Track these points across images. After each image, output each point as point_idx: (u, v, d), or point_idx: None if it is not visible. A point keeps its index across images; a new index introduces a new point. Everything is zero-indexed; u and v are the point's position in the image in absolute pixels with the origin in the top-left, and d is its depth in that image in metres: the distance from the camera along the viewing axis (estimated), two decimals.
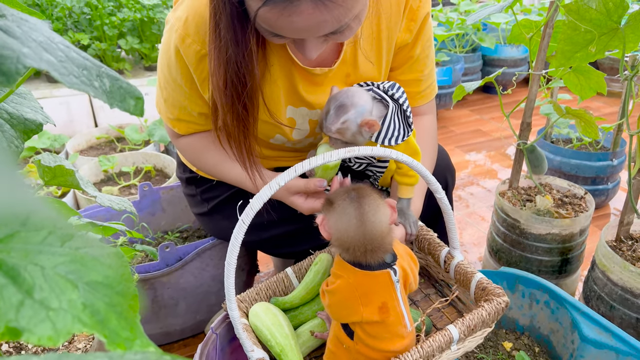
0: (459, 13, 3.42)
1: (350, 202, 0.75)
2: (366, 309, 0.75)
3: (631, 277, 1.10)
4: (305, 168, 0.73)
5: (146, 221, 1.52)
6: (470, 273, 0.90)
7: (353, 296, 0.76)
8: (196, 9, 0.87)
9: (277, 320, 0.89)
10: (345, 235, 0.75)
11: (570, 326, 1.03)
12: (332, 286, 0.78)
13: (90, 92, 0.44)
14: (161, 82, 0.99)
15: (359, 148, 0.74)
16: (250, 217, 0.73)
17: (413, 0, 0.96)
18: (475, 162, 2.55)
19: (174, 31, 0.89)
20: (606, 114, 3.08)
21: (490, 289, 0.86)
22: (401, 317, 0.77)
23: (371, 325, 0.76)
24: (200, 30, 0.87)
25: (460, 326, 0.79)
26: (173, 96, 0.98)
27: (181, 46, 0.89)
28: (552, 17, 1.26)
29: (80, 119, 2.53)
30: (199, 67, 0.90)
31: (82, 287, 0.36)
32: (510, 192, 1.48)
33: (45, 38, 0.46)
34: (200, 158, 1.08)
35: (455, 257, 0.94)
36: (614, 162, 1.87)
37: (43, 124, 0.73)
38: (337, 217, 0.76)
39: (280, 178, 0.72)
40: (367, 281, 0.76)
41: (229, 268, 0.75)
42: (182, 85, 0.95)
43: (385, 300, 0.76)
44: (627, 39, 1.10)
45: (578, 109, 1.31)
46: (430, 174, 0.82)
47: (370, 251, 0.75)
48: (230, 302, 0.78)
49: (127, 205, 0.92)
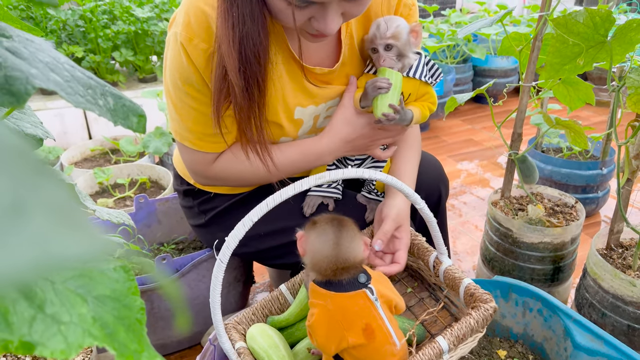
0: (449, 24, 3.47)
1: (331, 226, 0.79)
2: (350, 332, 0.75)
3: (622, 285, 1.12)
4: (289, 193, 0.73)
5: (142, 233, 1.52)
6: (459, 278, 0.91)
7: (334, 322, 0.76)
8: (194, 8, 0.87)
9: (273, 342, 0.90)
10: (319, 254, 0.78)
11: (563, 334, 1.04)
12: (312, 319, 0.78)
13: (95, 110, 0.46)
14: (177, 104, 0.96)
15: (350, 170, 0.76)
16: (227, 257, 0.73)
17: (403, 8, 1.02)
18: (468, 171, 2.58)
19: (179, 38, 0.88)
20: (595, 123, 3.13)
21: (477, 295, 0.87)
22: (388, 336, 0.77)
23: (358, 350, 0.76)
24: (204, 27, 0.86)
25: (449, 337, 0.79)
26: (193, 113, 0.95)
27: (189, 48, 0.87)
28: (541, 31, 1.29)
29: (75, 131, 2.53)
30: (208, 67, 0.89)
31: (91, 301, 0.37)
32: (503, 201, 1.50)
33: (51, 58, 0.48)
34: (240, 172, 1.03)
35: (443, 262, 0.96)
36: (603, 170, 1.90)
37: (43, 138, 0.74)
38: (316, 236, 0.79)
39: (253, 214, 0.73)
40: (344, 303, 0.77)
41: (214, 305, 0.76)
42: (200, 91, 0.93)
43: (367, 322, 0.76)
44: (614, 51, 1.13)
45: (567, 119, 1.34)
46: (410, 188, 0.82)
47: (342, 269, 0.77)
48: (220, 336, 0.80)
49: (125, 218, 0.93)
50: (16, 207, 0.12)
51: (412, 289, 1.07)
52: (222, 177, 1.05)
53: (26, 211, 0.13)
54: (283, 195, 0.73)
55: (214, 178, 1.06)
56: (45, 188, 0.14)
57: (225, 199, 1.15)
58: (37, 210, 0.13)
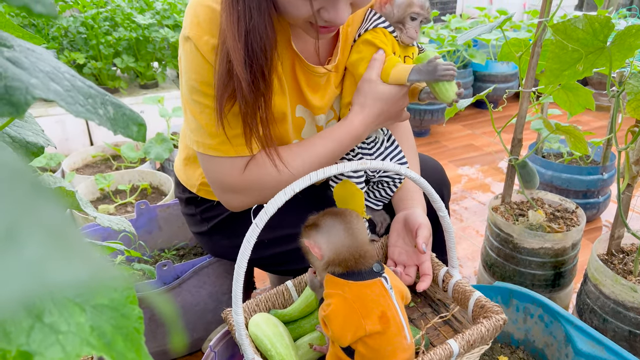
0: (449, 30, 3.48)
1: (334, 219, 0.82)
2: (367, 320, 0.76)
3: (623, 291, 1.12)
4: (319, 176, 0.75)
5: (143, 239, 1.52)
6: (469, 292, 0.92)
7: (352, 310, 0.77)
8: (201, 6, 0.87)
9: (278, 331, 0.90)
10: (339, 248, 0.79)
11: (564, 340, 1.04)
12: (329, 309, 0.78)
13: (95, 120, 0.46)
14: (195, 110, 0.93)
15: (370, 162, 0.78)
16: (264, 221, 0.74)
17: None
18: (469, 176, 2.58)
19: (190, 38, 0.87)
20: (595, 128, 3.13)
21: (488, 306, 0.87)
22: (401, 328, 0.78)
23: (373, 338, 0.77)
24: (214, 23, 0.86)
25: (460, 341, 0.80)
26: (213, 114, 0.91)
27: (200, 45, 0.87)
28: (540, 37, 1.29)
29: (76, 137, 2.54)
30: None
31: (90, 311, 0.37)
32: (503, 207, 1.50)
33: (51, 68, 0.48)
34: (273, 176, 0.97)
35: (453, 277, 0.96)
36: (604, 175, 1.90)
37: (44, 146, 0.75)
38: (327, 235, 0.80)
39: (296, 184, 0.74)
40: (362, 292, 0.78)
41: (239, 271, 0.75)
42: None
43: (383, 309, 0.77)
44: (613, 57, 1.13)
45: (567, 124, 1.34)
46: (436, 193, 0.84)
47: (362, 257, 0.80)
48: (236, 307, 0.76)
49: (126, 225, 0.94)
50: (11, 232, 0.13)
51: (414, 304, 1.07)
52: (256, 184, 0.98)
53: (21, 236, 0.13)
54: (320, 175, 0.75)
55: (247, 188, 0.99)
56: (41, 211, 0.14)
57: None
58: (32, 235, 0.13)
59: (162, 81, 2.82)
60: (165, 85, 2.85)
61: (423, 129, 3.07)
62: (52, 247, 0.13)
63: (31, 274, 0.12)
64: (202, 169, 1.03)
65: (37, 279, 0.12)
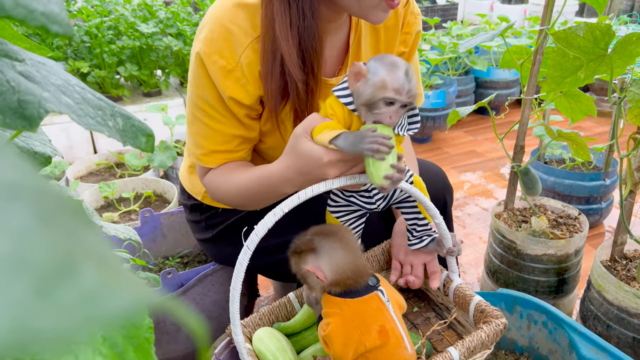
0: (451, 37, 3.49)
1: (329, 239, 0.80)
2: (366, 336, 0.76)
3: (626, 297, 1.12)
4: (308, 195, 0.76)
5: (147, 247, 1.53)
6: (469, 296, 0.92)
7: (351, 328, 0.77)
8: (218, 25, 0.88)
9: (281, 345, 0.90)
10: (342, 267, 0.79)
11: (568, 346, 1.04)
12: (328, 328, 0.78)
13: (105, 131, 0.47)
14: (189, 117, 0.99)
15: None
16: (254, 243, 0.75)
17: (410, 16, 1.05)
18: (471, 183, 2.59)
19: (200, 53, 0.90)
20: (598, 134, 3.13)
21: (488, 311, 0.88)
22: (400, 340, 0.79)
23: (373, 353, 0.77)
24: (225, 44, 0.88)
25: (460, 348, 0.80)
26: (204, 128, 0.96)
27: (207, 63, 0.89)
28: (541, 44, 1.30)
29: (80, 145, 2.55)
30: (225, 83, 0.90)
31: None
32: (506, 213, 1.50)
33: (62, 81, 0.49)
34: (230, 181, 0.98)
35: (453, 281, 0.97)
36: (606, 181, 1.90)
37: (52, 157, 0.76)
38: (328, 257, 0.79)
39: (284, 204, 0.75)
40: (360, 308, 0.78)
41: (234, 293, 0.77)
42: (214, 107, 0.94)
43: (382, 323, 0.78)
44: (614, 64, 1.14)
45: (569, 131, 1.35)
46: (429, 201, 0.85)
47: (360, 272, 0.79)
48: (235, 327, 0.80)
49: (131, 234, 0.94)
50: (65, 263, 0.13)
51: (418, 309, 1.08)
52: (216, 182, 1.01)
53: (76, 267, 0.13)
54: (314, 191, 0.76)
55: (208, 183, 1.03)
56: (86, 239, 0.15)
57: (233, 213, 1.16)
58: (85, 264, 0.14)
59: (166, 89, 2.83)
60: (168, 93, 2.87)
61: (425, 135, 3.08)
62: (104, 275, 0.14)
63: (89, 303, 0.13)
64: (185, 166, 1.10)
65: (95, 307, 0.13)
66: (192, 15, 2.91)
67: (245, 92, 0.91)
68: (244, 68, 0.90)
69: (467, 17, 6.28)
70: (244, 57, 0.89)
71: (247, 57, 0.89)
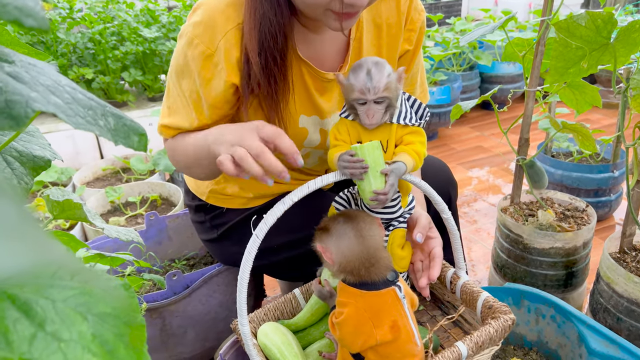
0: (454, 32, 3.47)
1: (345, 224, 0.79)
2: (378, 330, 0.76)
3: (636, 289, 1.10)
4: (317, 185, 0.76)
5: (153, 250, 1.53)
6: (477, 292, 0.91)
7: (364, 320, 0.76)
8: (208, 11, 0.91)
9: (287, 339, 0.90)
10: (349, 255, 0.77)
11: (577, 340, 1.03)
12: (341, 317, 0.77)
13: (95, 131, 0.47)
14: (167, 91, 1.02)
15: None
16: (264, 232, 0.74)
17: (413, 13, 1.04)
18: (479, 178, 2.57)
19: (184, 36, 0.93)
20: (605, 126, 3.10)
21: (496, 307, 0.87)
22: (411, 335, 0.78)
23: (384, 346, 0.76)
24: (207, 31, 0.90)
25: (468, 343, 0.79)
26: (176, 106, 1.00)
27: (190, 47, 0.92)
28: (543, 35, 1.29)
29: (86, 151, 2.57)
30: (205, 67, 0.92)
31: (91, 319, 0.38)
32: (512, 207, 1.49)
33: (52, 81, 0.49)
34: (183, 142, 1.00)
35: (461, 278, 0.96)
36: (615, 173, 1.88)
37: (51, 160, 0.76)
38: (337, 240, 0.78)
39: (294, 194, 0.74)
40: (375, 301, 0.77)
41: (242, 282, 0.76)
42: (190, 92, 0.96)
43: (395, 319, 0.77)
44: (617, 53, 1.12)
45: (575, 122, 1.33)
46: (437, 195, 0.84)
47: (373, 266, 0.77)
48: (241, 318, 0.78)
49: (134, 235, 0.94)
50: None
51: (424, 307, 1.07)
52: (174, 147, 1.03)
53: None
54: (324, 181, 0.76)
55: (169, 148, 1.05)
56: None
57: (238, 213, 1.15)
58: None
59: None
60: None
61: (430, 132, 3.06)
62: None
63: None
64: None
65: None
66: None
67: (219, 78, 0.93)
68: (221, 54, 0.91)
69: (471, 12, 6.25)
70: (223, 42, 0.91)
71: (226, 42, 0.91)
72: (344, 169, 0.78)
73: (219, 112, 0.98)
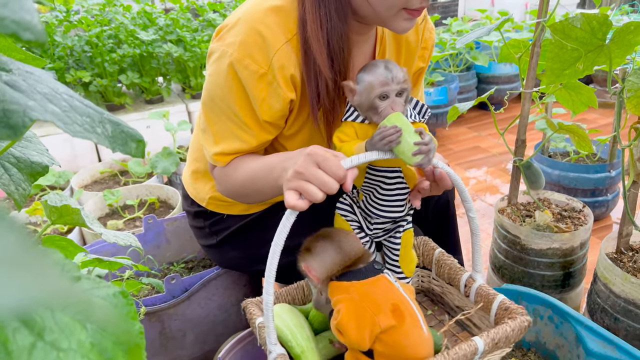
0: (451, 33, 3.48)
1: (324, 241, 0.83)
2: (380, 315, 0.75)
3: (633, 289, 1.11)
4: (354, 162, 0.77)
5: (152, 253, 1.53)
6: (492, 295, 0.91)
7: (362, 310, 0.76)
8: (250, 29, 0.87)
9: (299, 322, 0.89)
10: (331, 268, 0.81)
11: (575, 340, 1.03)
12: (339, 316, 0.77)
13: (93, 139, 0.47)
14: (206, 118, 0.97)
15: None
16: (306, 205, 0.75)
17: (426, 32, 1.08)
18: (477, 179, 2.57)
19: (227, 57, 0.89)
20: (602, 126, 3.11)
21: (512, 308, 0.87)
22: (417, 320, 0.78)
23: (389, 334, 0.75)
24: (256, 48, 0.87)
25: (485, 338, 0.79)
26: (225, 131, 0.96)
27: (238, 68, 0.88)
28: (539, 37, 1.29)
29: (84, 154, 2.57)
30: (258, 87, 0.89)
31: (90, 327, 0.38)
32: (510, 208, 1.49)
33: (49, 89, 0.49)
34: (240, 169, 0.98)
35: (476, 281, 0.96)
36: (612, 173, 1.88)
37: (49, 165, 0.76)
38: (319, 258, 0.82)
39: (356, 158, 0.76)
40: (368, 289, 0.78)
41: (275, 249, 0.75)
42: (238, 113, 0.93)
43: (395, 302, 0.77)
44: (613, 54, 1.13)
45: (571, 123, 1.34)
46: (463, 184, 0.86)
47: (358, 260, 0.81)
48: (268, 285, 0.76)
49: (132, 240, 0.94)
50: None
51: (432, 312, 1.07)
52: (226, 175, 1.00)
53: None
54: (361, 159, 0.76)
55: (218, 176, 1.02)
56: None
57: (238, 219, 1.15)
58: None
59: (167, 96, 2.84)
60: (170, 99, 2.88)
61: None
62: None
63: None
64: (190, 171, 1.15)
65: None
66: (191, 21, 2.92)
67: (277, 96, 0.90)
68: (275, 72, 0.89)
69: (467, 13, 6.26)
70: (276, 60, 0.88)
71: (278, 60, 0.88)
72: (379, 141, 0.77)
73: (274, 128, 0.97)
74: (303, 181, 0.75)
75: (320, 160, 0.75)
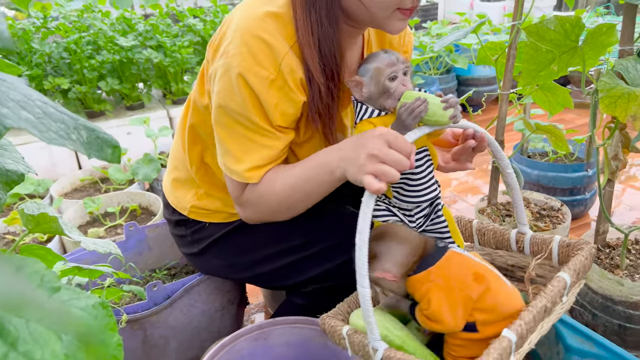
0: (431, 36, 3.52)
1: (384, 241, 0.83)
2: (468, 289, 0.77)
3: (610, 285, 1.13)
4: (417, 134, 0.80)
5: (133, 260, 1.52)
6: (549, 238, 0.93)
7: (449, 290, 0.78)
8: (252, 37, 0.86)
9: (388, 317, 0.88)
10: (406, 261, 0.81)
11: (555, 337, 1.05)
12: (430, 304, 0.78)
13: (68, 145, 0.46)
14: (222, 135, 0.95)
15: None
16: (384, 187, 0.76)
17: (406, 36, 1.11)
18: (459, 180, 2.60)
19: (235, 68, 0.87)
20: (579, 126, 3.16)
21: (574, 242, 0.89)
22: (498, 278, 0.80)
23: (482, 300, 0.77)
24: (263, 55, 0.87)
25: (568, 271, 0.81)
26: (247, 143, 0.93)
27: (249, 76, 0.87)
28: (514, 39, 1.32)
29: (63, 162, 2.53)
30: (270, 93, 0.88)
31: (66, 339, 0.37)
32: (490, 208, 1.51)
33: (22, 96, 0.49)
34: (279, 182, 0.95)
35: (526, 233, 0.97)
36: (589, 172, 1.92)
37: (25, 174, 0.75)
38: (390, 259, 0.82)
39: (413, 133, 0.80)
40: (445, 268, 0.79)
41: (362, 237, 0.73)
42: (258, 123, 0.91)
43: (474, 270, 0.79)
44: (586, 55, 1.15)
45: (548, 124, 1.36)
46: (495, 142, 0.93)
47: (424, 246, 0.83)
48: (362, 278, 0.73)
49: (111, 247, 0.94)
50: None
51: None
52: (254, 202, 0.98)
53: None
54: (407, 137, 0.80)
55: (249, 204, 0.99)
56: None
57: (220, 227, 1.14)
58: None
59: (148, 102, 2.82)
60: (151, 105, 2.86)
61: None
62: None
63: None
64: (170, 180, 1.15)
65: None
66: (171, 27, 2.91)
67: (289, 100, 0.90)
68: (285, 76, 0.88)
69: (447, 16, 6.33)
70: (284, 64, 0.87)
71: (287, 64, 0.88)
72: (409, 117, 0.81)
73: (291, 132, 0.96)
74: (379, 163, 0.77)
75: (392, 139, 0.78)
